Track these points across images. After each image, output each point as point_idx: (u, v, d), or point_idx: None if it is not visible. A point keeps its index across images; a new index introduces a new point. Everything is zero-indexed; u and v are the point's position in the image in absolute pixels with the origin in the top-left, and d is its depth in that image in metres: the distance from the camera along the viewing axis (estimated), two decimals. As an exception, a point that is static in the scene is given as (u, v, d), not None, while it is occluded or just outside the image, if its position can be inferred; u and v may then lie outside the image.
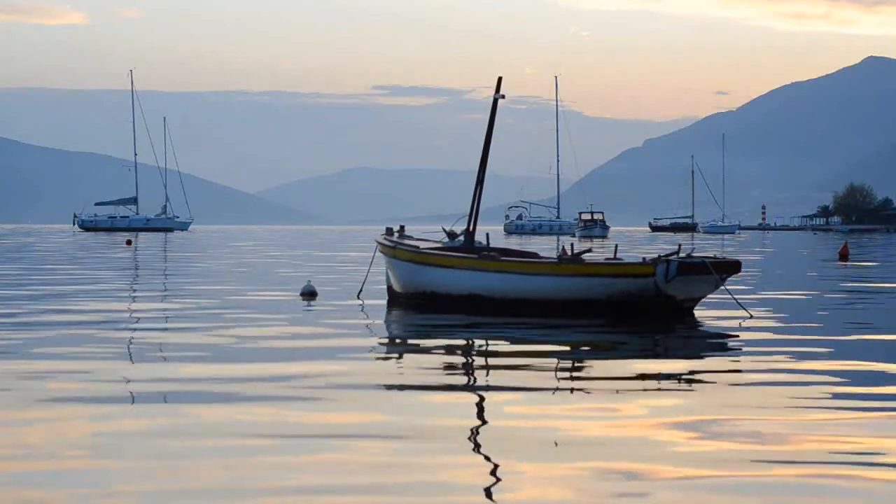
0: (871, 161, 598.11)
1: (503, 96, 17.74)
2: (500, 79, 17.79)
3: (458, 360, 10.70)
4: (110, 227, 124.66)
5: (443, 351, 11.36)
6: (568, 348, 11.60)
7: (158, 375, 9.23)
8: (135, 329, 13.25)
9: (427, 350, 11.50)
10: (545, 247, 46.66)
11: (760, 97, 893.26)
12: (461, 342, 12.15)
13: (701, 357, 11.28)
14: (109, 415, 7.38)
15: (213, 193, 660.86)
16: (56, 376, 9.09)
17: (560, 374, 9.57)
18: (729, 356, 11.31)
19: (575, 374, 9.72)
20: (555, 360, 10.51)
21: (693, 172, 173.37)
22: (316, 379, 9.01)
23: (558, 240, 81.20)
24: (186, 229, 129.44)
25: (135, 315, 15.21)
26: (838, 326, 14.05)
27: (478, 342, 12.15)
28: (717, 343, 12.57)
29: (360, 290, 18.68)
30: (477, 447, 6.51)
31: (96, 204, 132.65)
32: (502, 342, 12.10)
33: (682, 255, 15.52)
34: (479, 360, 10.61)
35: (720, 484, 5.60)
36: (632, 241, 79.07)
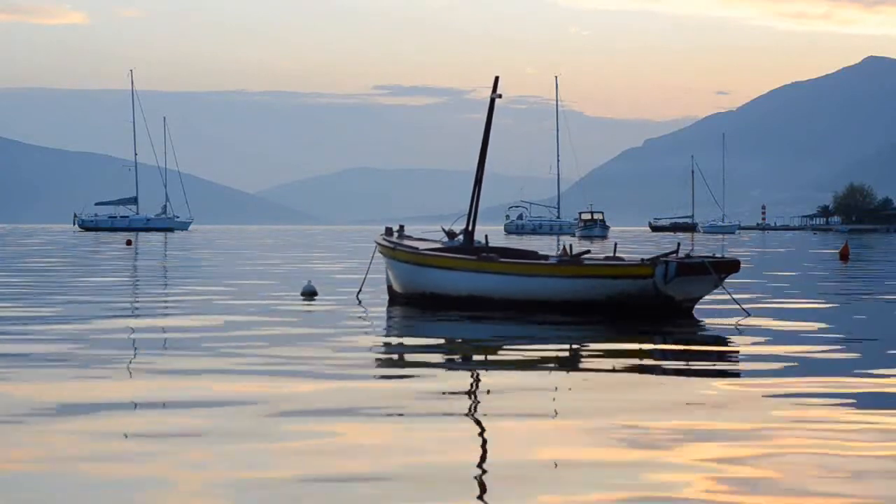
0: (871, 161, 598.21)
1: (500, 96, 17.76)
2: (496, 78, 17.81)
3: (457, 361, 10.70)
4: (110, 227, 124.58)
5: (441, 353, 11.35)
6: (566, 349, 11.61)
7: (155, 375, 9.23)
8: (133, 328, 13.25)
9: (425, 351, 11.49)
10: (545, 246, 46.69)
11: (760, 97, 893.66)
12: (459, 343, 12.15)
13: (698, 358, 11.28)
14: (105, 413, 7.39)
15: (213, 193, 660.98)
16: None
17: (557, 375, 9.57)
18: (726, 357, 11.30)
19: (572, 374, 9.72)
20: (553, 361, 10.52)
21: (693, 172, 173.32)
22: (314, 379, 9.01)
23: (558, 240, 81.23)
24: (186, 229, 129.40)
25: (134, 313, 15.21)
26: (837, 327, 14.04)
27: (476, 343, 12.15)
28: (714, 343, 12.56)
29: (360, 290, 18.68)
30: (477, 447, 6.52)
31: (96, 204, 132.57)
32: (501, 343, 12.10)
33: (680, 255, 15.53)
34: (477, 361, 10.61)
35: (718, 483, 5.61)
36: (632, 239, 79.07)
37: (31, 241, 67.11)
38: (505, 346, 11.71)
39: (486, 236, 18.07)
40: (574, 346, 11.80)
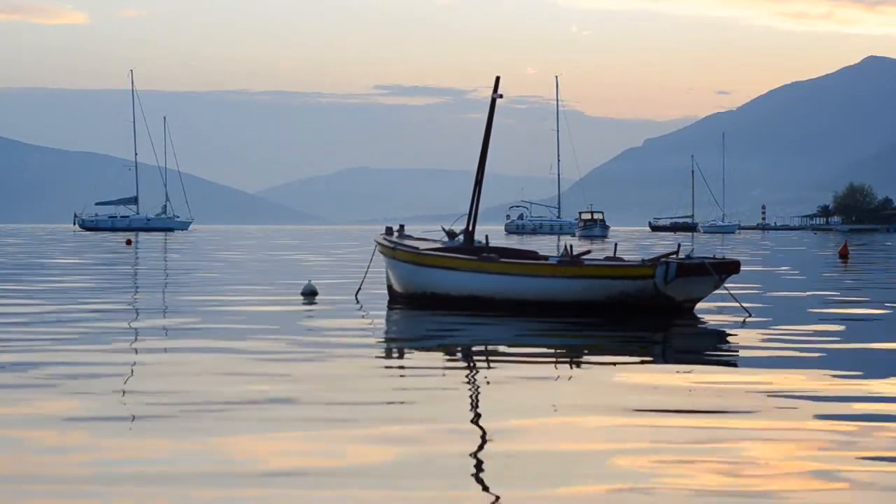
0: (871, 161, 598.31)
1: (501, 96, 17.77)
2: (497, 78, 17.82)
3: (457, 361, 10.70)
4: (111, 227, 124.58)
5: (441, 353, 11.36)
6: (566, 349, 11.61)
7: (156, 372, 9.24)
8: (134, 326, 13.25)
9: (425, 351, 11.50)
10: (545, 247, 46.68)
11: (760, 97, 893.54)
12: (460, 343, 12.15)
13: (699, 358, 11.28)
14: (104, 408, 7.40)
15: (213, 193, 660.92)
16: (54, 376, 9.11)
17: (557, 376, 9.58)
18: (727, 357, 11.31)
19: (573, 374, 9.73)
20: (552, 362, 10.52)
21: (693, 172, 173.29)
22: (315, 378, 9.02)
23: (559, 239, 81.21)
24: (187, 229, 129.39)
25: (135, 311, 15.21)
26: (836, 326, 14.04)
27: (476, 343, 12.15)
28: (715, 343, 12.57)
29: (359, 290, 18.69)
30: (476, 448, 6.52)
31: (97, 204, 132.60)
32: (501, 343, 12.11)
33: (681, 255, 15.54)
34: (477, 361, 10.62)
35: (716, 485, 5.61)
36: (632, 239, 79.06)
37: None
38: (505, 346, 11.71)
39: (487, 236, 18.08)
40: (573, 347, 11.80)
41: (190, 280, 24.47)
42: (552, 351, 11.34)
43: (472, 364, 10.39)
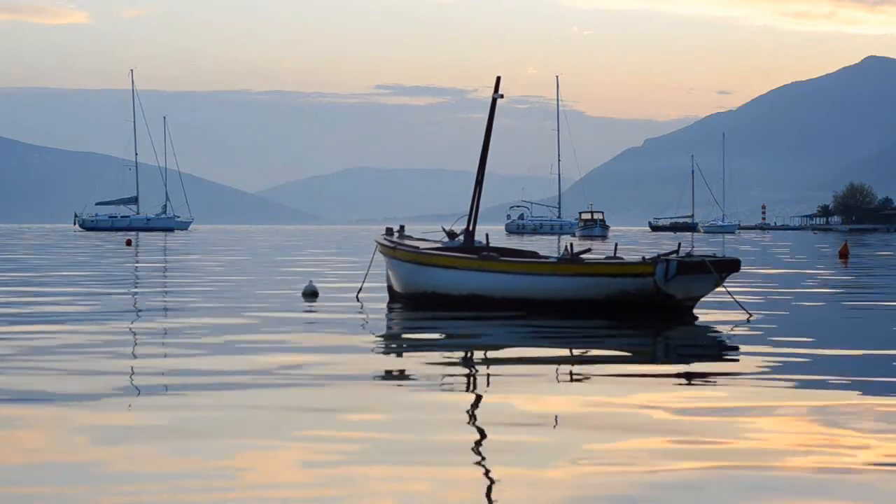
0: (871, 161, 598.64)
1: (502, 96, 17.77)
2: (498, 78, 17.82)
3: (458, 360, 10.69)
4: (111, 227, 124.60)
5: (442, 352, 11.35)
6: (567, 348, 11.60)
7: (159, 370, 9.23)
8: (135, 324, 13.24)
9: (426, 351, 11.50)
10: (546, 246, 46.69)
11: (760, 97, 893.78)
12: (461, 343, 12.15)
13: (699, 357, 11.28)
14: (112, 408, 7.39)
15: (213, 193, 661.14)
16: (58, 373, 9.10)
17: (558, 376, 9.58)
18: (727, 356, 11.30)
19: (573, 374, 9.72)
20: (553, 361, 10.51)
21: (693, 172, 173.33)
22: (315, 379, 9.02)
23: (559, 239, 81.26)
24: (187, 229, 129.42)
25: (137, 309, 15.20)
26: (837, 325, 14.04)
27: (477, 342, 12.14)
28: (715, 343, 12.56)
29: (360, 290, 18.68)
30: (476, 448, 6.51)
31: (97, 203, 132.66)
32: (502, 342, 12.10)
33: (681, 254, 15.54)
34: (478, 361, 10.61)
35: (715, 486, 5.61)
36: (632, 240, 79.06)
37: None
38: (505, 346, 11.70)
39: (487, 236, 18.07)
40: (574, 346, 11.79)
41: (191, 275, 24.44)
42: (551, 350, 11.32)
43: (471, 364, 10.37)
